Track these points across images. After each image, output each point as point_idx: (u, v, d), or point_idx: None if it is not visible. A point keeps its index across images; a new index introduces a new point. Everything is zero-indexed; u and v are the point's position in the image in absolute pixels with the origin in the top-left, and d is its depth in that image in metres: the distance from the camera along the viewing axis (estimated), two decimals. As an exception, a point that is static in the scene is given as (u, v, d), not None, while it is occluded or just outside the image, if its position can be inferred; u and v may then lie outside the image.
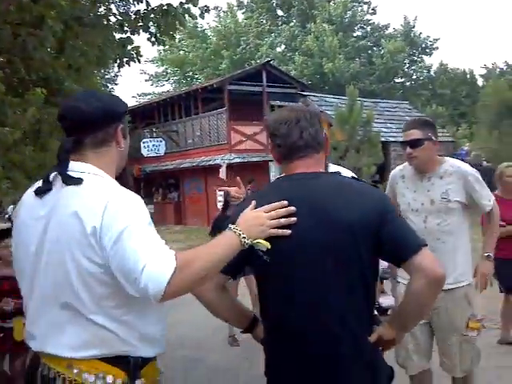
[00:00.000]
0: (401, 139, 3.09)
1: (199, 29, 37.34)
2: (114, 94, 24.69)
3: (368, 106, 16.00)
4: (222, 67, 34.02)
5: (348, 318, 1.69)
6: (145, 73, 39.12)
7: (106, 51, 4.54)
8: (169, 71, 39.45)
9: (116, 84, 21.22)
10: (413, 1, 69.23)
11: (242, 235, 1.63)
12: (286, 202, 1.70)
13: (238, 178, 3.01)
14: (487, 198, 3.03)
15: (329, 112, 15.15)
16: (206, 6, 5.12)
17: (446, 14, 71.51)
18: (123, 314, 1.59)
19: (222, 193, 19.64)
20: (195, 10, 5.08)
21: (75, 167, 1.63)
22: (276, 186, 1.95)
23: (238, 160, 18.96)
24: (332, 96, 17.26)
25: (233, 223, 1.69)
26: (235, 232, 1.64)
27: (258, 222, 1.67)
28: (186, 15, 4.97)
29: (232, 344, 5.49)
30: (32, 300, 1.64)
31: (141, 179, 21.79)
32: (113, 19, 4.73)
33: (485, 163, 12.07)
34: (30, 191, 1.70)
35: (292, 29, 33.57)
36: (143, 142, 21.32)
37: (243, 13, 38.18)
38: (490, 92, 11.52)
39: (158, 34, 4.82)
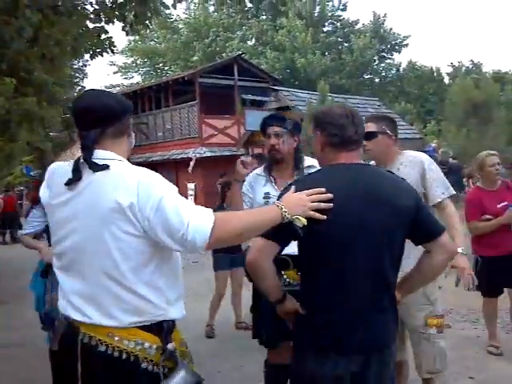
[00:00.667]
0: None
1: (170, 20, 36.90)
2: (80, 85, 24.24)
3: (338, 101, 16.10)
4: (194, 59, 33.76)
5: (391, 284, 2.08)
6: (114, 64, 38.50)
7: (80, 41, 4.44)
8: (138, 62, 38.89)
9: (85, 74, 20.74)
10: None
11: (284, 209, 1.88)
12: (323, 189, 1.96)
13: (248, 157, 3.21)
14: (440, 191, 2.97)
15: (300, 107, 15.24)
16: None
17: (415, 12, 72.68)
18: (156, 280, 1.80)
19: (192, 186, 19.74)
20: (168, 1, 5.03)
21: (100, 155, 1.82)
22: (331, 172, 2.12)
23: (209, 154, 18.86)
24: (303, 91, 17.34)
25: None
26: (278, 206, 1.91)
27: (300, 203, 1.93)
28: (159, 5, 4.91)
29: (209, 334, 5.51)
30: (72, 272, 1.83)
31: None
32: (89, 8, 4.63)
33: (451, 160, 12.35)
34: (59, 180, 1.84)
35: (262, 23, 33.54)
36: (112, 134, 20.97)
37: (213, 4, 37.93)
38: (457, 90, 11.74)
39: (133, 24, 4.74)
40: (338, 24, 32.64)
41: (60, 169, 1.90)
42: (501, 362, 4.35)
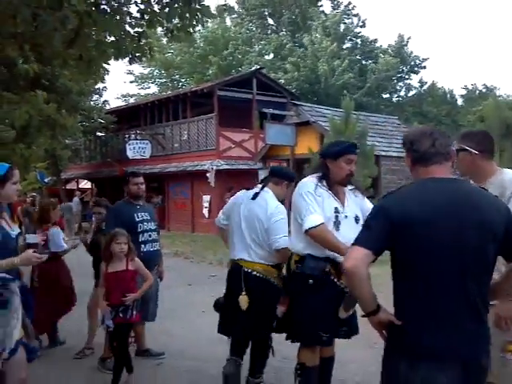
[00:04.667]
0: (390, 154, 3.12)
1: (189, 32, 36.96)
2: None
3: (359, 119, 15.89)
4: (210, 73, 33.80)
5: (483, 295, 2.13)
6: (131, 73, 38.62)
7: (122, 43, 4.26)
8: (155, 73, 39.02)
9: (104, 83, 20.61)
10: (400, 17, 70.37)
11: None
12: None
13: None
14: None
15: (321, 123, 15.02)
16: (224, 4, 4.91)
17: (430, 34, 72.69)
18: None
19: (208, 198, 19.55)
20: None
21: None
22: (431, 185, 2.20)
23: (226, 166, 18.71)
24: (324, 107, 17.14)
25: None
26: None
27: None
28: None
29: None
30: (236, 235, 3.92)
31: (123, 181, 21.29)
32: (133, 8, 4.44)
33: None
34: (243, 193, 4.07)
35: (281, 38, 33.57)
36: (129, 144, 20.85)
37: (232, 19, 38.07)
38: (489, 112, 11.54)
39: (176, 30, 4.56)
40: (359, 41, 32.66)
41: None
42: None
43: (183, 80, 38.90)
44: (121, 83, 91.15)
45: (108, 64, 4.76)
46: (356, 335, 3.62)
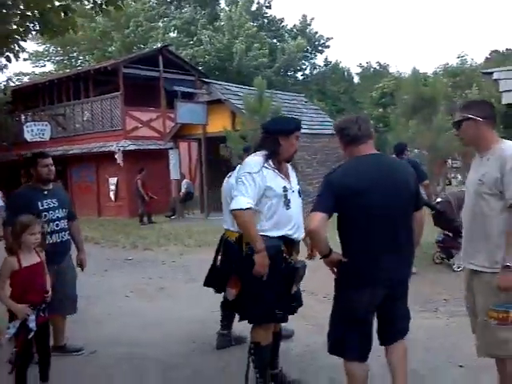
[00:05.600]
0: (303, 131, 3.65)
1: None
2: None
3: (268, 97, 15.89)
4: (111, 50, 32.31)
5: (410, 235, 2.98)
6: (24, 51, 35.84)
7: (47, 17, 3.74)
8: (51, 50, 36.59)
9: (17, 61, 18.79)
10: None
11: None
12: None
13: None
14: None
15: (232, 101, 14.84)
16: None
17: (330, 14, 74.65)
18: None
19: (114, 181, 18.72)
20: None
21: None
22: (354, 161, 2.97)
23: (133, 147, 18.03)
24: (235, 85, 16.94)
25: None
26: None
27: None
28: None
29: None
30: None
31: (21, 165, 19.79)
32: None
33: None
34: None
35: (187, 14, 32.72)
36: (26, 126, 19.37)
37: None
38: (406, 86, 12.11)
39: (104, 4, 4.09)
40: (266, 21, 32.62)
41: None
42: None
43: (82, 58, 36.90)
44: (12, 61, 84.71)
45: (25, 41, 4.22)
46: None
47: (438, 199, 7.74)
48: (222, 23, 29.33)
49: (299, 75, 35.15)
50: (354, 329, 2.89)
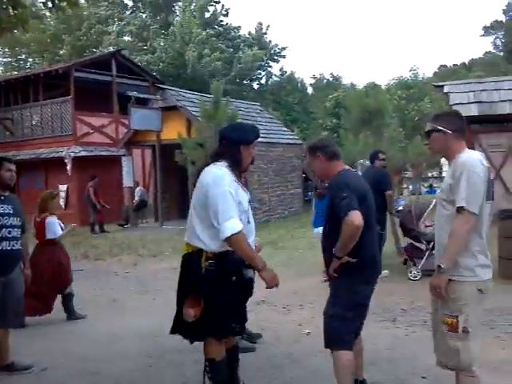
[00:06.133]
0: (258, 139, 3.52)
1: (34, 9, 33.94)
2: None
3: (224, 104, 15.80)
4: (62, 53, 31.46)
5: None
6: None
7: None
8: (-3, 52, 35.29)
9: None
10: (259, 7, 71.93)
11: None
12: None
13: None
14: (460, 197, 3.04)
15: (188, 108, 14.67)
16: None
17: (286, 23, 75.53)
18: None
19: (64, 188, 18.12)
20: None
21: None
22: (351, 172, 3.53)
23: (84, 153, 17.53)
24: (190, 92, 16.76)
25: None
26: None
27: None
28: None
29: None
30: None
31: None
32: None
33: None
34: None
35: (140, 19, 32.25)
36: (-30, 130, 18.56)
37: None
38: (350, 100, 12.11)
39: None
40: (221, 29, 32.49)
41: None
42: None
43: (31, 60, 35.75)
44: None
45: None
46: None
47: (400, 207, 7.87)
48: (176, 30, 29.03)
49: (255, 84, 35.22)
50: (357, 318, 3.35)
